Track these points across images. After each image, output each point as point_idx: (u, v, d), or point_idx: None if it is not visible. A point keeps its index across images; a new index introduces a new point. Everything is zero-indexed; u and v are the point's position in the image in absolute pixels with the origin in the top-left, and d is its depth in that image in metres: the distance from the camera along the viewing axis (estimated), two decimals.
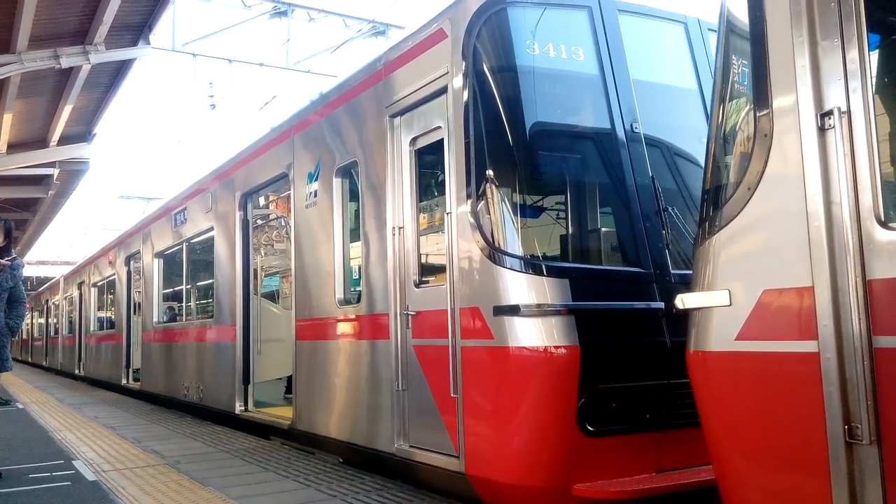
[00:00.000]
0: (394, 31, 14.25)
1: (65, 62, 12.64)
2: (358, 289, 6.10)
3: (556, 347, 4.22)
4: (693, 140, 5.07)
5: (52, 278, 31.11)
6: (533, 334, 4.27)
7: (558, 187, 5.01)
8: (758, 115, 2.98)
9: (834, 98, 2.70)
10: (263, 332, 8.62)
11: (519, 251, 4.50)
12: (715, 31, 4.51)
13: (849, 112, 2.66)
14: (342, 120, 6.38)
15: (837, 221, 2.65)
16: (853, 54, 2.67)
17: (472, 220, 4.59)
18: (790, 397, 2.80)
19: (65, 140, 17.54)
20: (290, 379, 8.13)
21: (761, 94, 2.97)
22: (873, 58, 2.84)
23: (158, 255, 12.31)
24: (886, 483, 2.52)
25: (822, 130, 2.72)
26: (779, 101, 2.88)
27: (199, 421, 9.61)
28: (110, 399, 13.49)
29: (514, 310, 4.31)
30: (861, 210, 2.61)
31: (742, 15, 3.17)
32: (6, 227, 6.26)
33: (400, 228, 5.41)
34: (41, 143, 17.54)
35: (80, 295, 20.06)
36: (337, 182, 6.39)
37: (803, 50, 2.80)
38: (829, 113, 2.69)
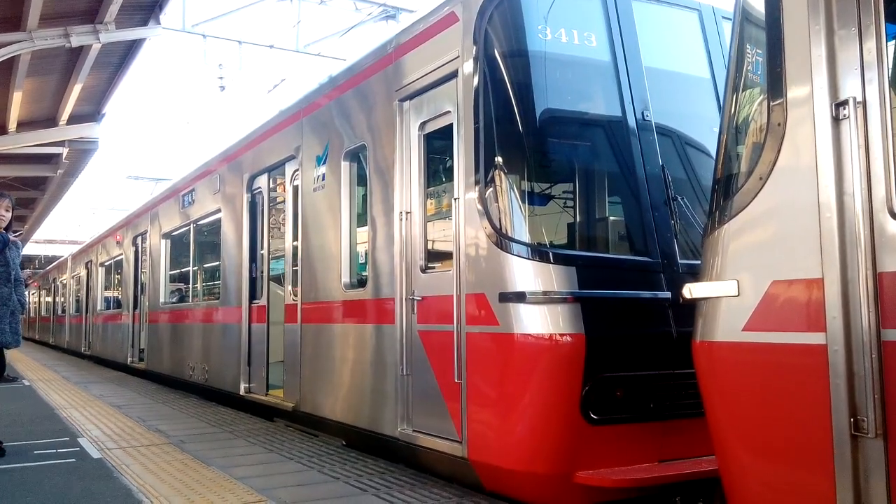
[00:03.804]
0: (404, 16, 14.18)
1: (75, 41, 12.61)
2: (364, 273, 6.10)
3: (562, 335, 4.21)
4: (705, 129, 5.03)
5: (60, 257, 31.25)
6: (538, 321, 4.26)
7: (567, 175, 4.98)
8: (771, 104, 2.95)
9: (849, 88, 2.67)
10: (270, 314, 8.63)
11: (526, 238, 4.48)
12: (729, 19, 4.47)
13: (864, 102, 2.63)
14: (351, 103, 6.35)
15: (850, 213, 2.63)
16: (870, 44, 2.64)
17: (479, 206, 4.58)
18: (796, 389, 2.79)
19: (74, 119, 17.54)
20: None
21: (775, 84, 2.94)
22: (890, 48, 2.80)
23: (166, 235, 12.34)
24: (891, 477, 2.51)
25: (836, 121, 2.69)
26: (793, 91, 2.85)
27: (203, 401, 9.67)
28: (116, 378, 13.57)
29: (520, 297, 4.30)
30: (874, 202, 2.58)
31: (758, 3, 3.13)
32: (12, 203, 6.28)
33: (407, 213, 5.40)
34: (50, 121, 17.54)
35: (88, 274, 20.15)
36: (345, 166, 6.38)
37: (819, 39, 2.76)
38: (844, 103, 2.66)
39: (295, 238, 7.44)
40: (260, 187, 8.39)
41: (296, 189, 7.30)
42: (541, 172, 4.89)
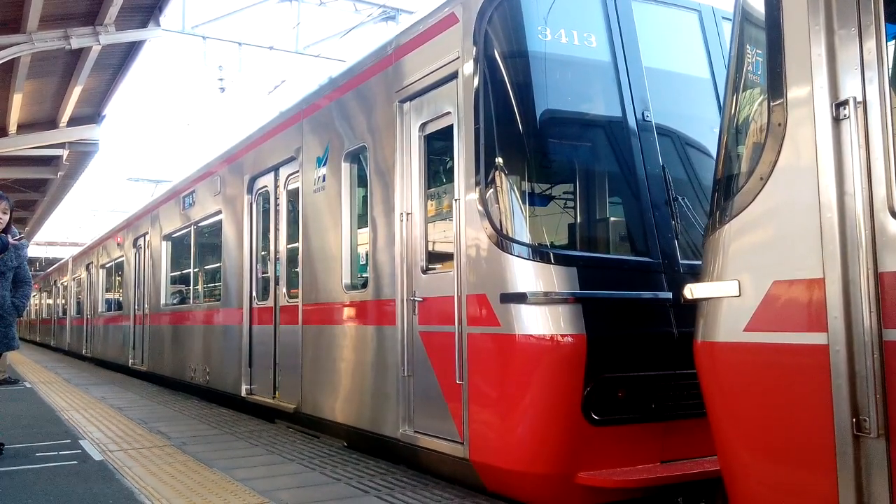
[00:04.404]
0: (404, 17, 14.19)
1: (75, 43, 12.62)
2: (365, 274, 6.10)
3: (563, 336, 4.21)
4: (705, 130, 5.03)
5: (61, 259, 31.25)
6: (539, 322, 4.26)
7: (568, 175, 4.98)
8: (772, 104, 2.95)
9: (850, 88, 2.67)
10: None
11: (527, 239, 4.48)
12: (729, 19, 4.47)
13: (864, 102, 2.63)
14: (351, 104, 6.36)
15: (850, 213, 2.63)
16: (870, 43, 2.64)
17: (480, 207, 4.58)
18: (798, 390, 2.78)
19: (74, 121, 17.56)
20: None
21: (776, 84, 2.94)
22: (890, 47, 2.80)
23: (167, 237, 12.34)
24: (894, 477, 2.51)
25: (836, 121, 2.69)
26: (793, 91, 2.85)
27: (204, 403, 9.67)
28: (117, 380, 13.57)
29: (521, 297, 4.30)
30: (875, 202, 2.58)
31: (758, 3, 3.13)
32: (10, 205, 6.26)
33: (408, 214, 5.40)
34: (51, 123, 17.55)
35: (89, 276, 20.15)
36: (345, 167, 6.38)
37: (819, 39, 2.76)
38: (845, 103, 2.66)
39: (293, 240, 7.44)
40: (260, 189, 8.39)
41: (296, 190, 7.30)
42: (541, 173, 4.89)
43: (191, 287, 11.46)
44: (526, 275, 4.35)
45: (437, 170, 5.46)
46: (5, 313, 6.17)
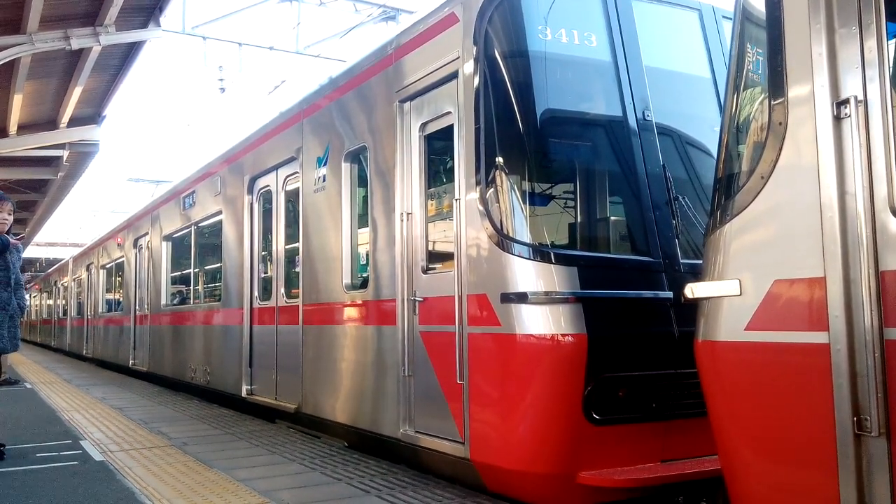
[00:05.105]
0: (404, 17, 14.20)
1: (75, 43, 12.61)
2: (365, 274, 6.10)
3: (564, 335, 4.21)
4: (706, 129, 5.03)
5: (61, 260, 31.25)
6: (540, 322, 4.26)
7: (568, 175, 4.98)
8: (772, 103, 2.95)
9: (850, 87, 2.67)
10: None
11: (527, 238, 4.48)
12: (730, 18, 4.47)
13: (865, 101, 2.63)
14: (352, 104, 6.36)
15: (851, 212, 2.62)
16: (871, 42, 2.64)
17: (480, 206, 4.58)
18: (799, 388, 2.78)
19: (74, 122, 17.56)
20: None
21: (776, 83, 2.93)
22: (891, 46, 2.80)
23: (167, 237, 12.35)
24: (895, 475, 2.51)
25: (837, 119, 2.69)
26: (794, 90, 2.85)
27: (205, 403, 9.67)
28: (117, 380, 13.58)
29: (521, 297, 4.30)
30: (876, 201, 2.58)
31: (758, 2, 3.13)
32: (13, 206, 6.26)
33: (408, 214, 5.40)
34: (51, 124, 17.55)
35: (89, 277, 20.15)
36: (346, 167, 6.38)
37: (820, 37, 2.76)
38: (846, 102, 2.66)
39: (294, 240, 7.44)
40: (261, 189, 8.39)
41: (297, 190, 7.30)
42: (542, 172, 4.89)
43: (191, 287, 11.46)
44: (526, 274, 4.35)
45: (438, 169, 5.46)
46: (15, 314, 6.20)
